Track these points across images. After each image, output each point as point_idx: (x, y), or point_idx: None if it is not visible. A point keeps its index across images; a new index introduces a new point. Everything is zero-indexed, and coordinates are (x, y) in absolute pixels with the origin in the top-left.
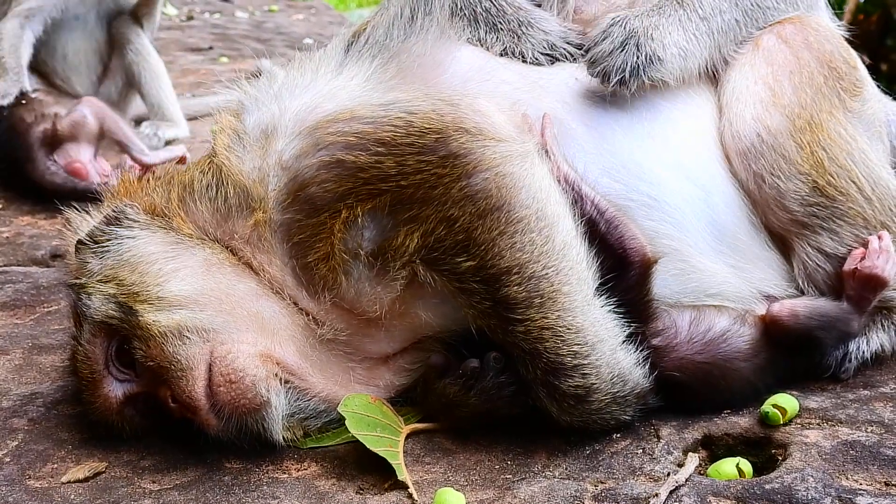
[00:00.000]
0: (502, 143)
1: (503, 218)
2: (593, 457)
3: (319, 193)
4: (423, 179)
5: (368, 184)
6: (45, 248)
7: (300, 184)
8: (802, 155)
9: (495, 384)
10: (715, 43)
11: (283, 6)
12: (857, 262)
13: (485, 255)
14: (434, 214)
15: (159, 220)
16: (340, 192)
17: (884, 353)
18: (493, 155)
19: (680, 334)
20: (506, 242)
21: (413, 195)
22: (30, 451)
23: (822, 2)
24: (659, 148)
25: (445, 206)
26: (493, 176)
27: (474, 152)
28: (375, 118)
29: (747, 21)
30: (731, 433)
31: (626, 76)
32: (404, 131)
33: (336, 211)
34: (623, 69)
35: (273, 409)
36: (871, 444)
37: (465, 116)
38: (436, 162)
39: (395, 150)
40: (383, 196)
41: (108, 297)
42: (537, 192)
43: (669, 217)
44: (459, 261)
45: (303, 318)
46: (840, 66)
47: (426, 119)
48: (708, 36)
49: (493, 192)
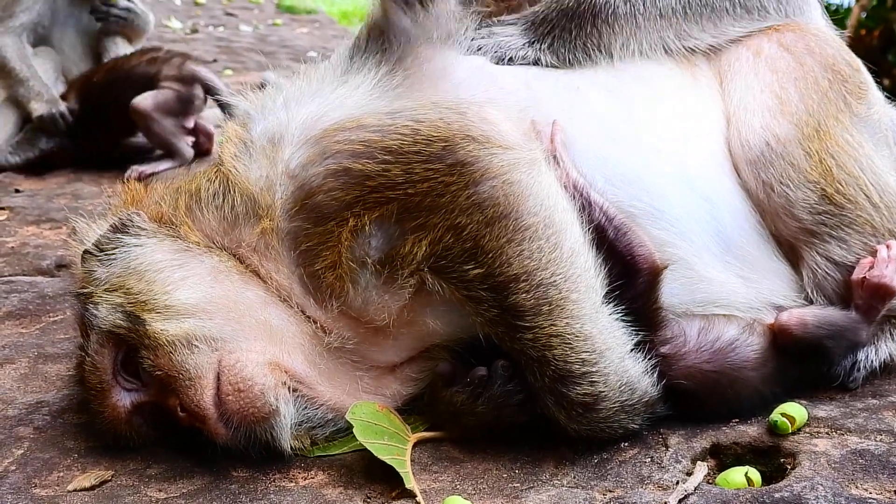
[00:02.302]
0: (509, 151)
1: (511, 225)
2: (602, 465)
3: (326, 202)
4: (430, 188)
5: (376, 192)
6: (51, 258)
7: (307, 192)
8: (811, 163)
9: (503, 392)
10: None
11: (286, 20)
12: (865, 271)
13: (493, 263)
14: (442, 222)
15: (166, 229)
16: (348, 200)
17: (892, 363)
18: (500, 163)
19: (689, 343)
20: (514, 250)
21: (420, 203)
22: (36, 460)
23: (816, 10)
24: (663, 159)
25: (453, 213)
26: (501, 184)
27: (482, 160)
28: (382, 126)
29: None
30: (739, 442)
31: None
32: (411, 139)
33: (343, 219)
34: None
35: (282, 417)
36: (880, 453)
37: (472, 124)
38: (443, 170)
39: (402, 158)
40: (390, 204)
41: (115, 306)
42: (545, 199)
43: (673, 227)
44: (467, 268)
45: (310, 326)
46: (843, 69)
47: (433, 127)
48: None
49: (500, 200)
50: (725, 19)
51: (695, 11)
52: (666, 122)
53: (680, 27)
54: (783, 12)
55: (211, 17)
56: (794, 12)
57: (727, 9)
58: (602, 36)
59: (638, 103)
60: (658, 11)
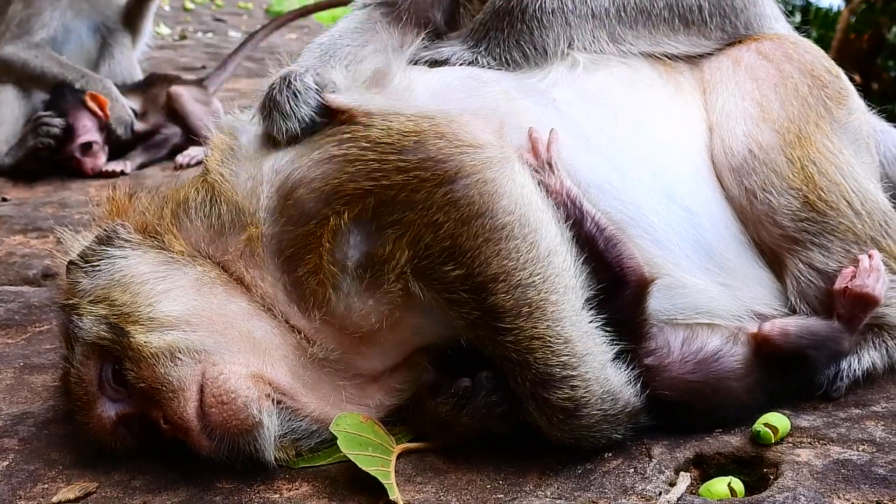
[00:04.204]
0: (481, 150)
1: (487, 224)
2: (585, 476)
3: (307, 195)
4: (404, 181)
5: (353, 181)
6: (37, 268)
7: (290, 187)
8: (793, 170)
9: (487, 403)
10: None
11: None
12: (847, 280)
13: (471, 264)
14: (419, 219)
15: (151, 239)
16: (327, 191)
17: (875, 372)
18: (472, 161)
19: (672, 353)
20: (491, 249)
21: (396, 197)
22: (20, 471)
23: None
24: (639, 168)
25: (430, 210)
26: (475, 182)
27: (453, 157)
28: (366, 123)
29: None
30: (722, 452)
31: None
32: (385, 132)
33: (324, 218)
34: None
35: (265, 430)
36: (862, 464)
37: (442, 123)
38: (416, 163)
39: (378, 147)
40: (367, 197)
41: (99, 317)
42: (519, 197)
43: (647, 234)
44: (447, 269)
45: (294, 336)
46: (823, 74)
47: (403, 125)
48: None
49: (475, 199)
50: (662, 29)
51: (629, 16)
52: (644, 130)
53: (614, 29)
54: (730, 32)
55: (200, 23)
56: (747, 29)
57: (665, 18)
58: (533, 33)
59: (614, 112)
60: (589, 10)
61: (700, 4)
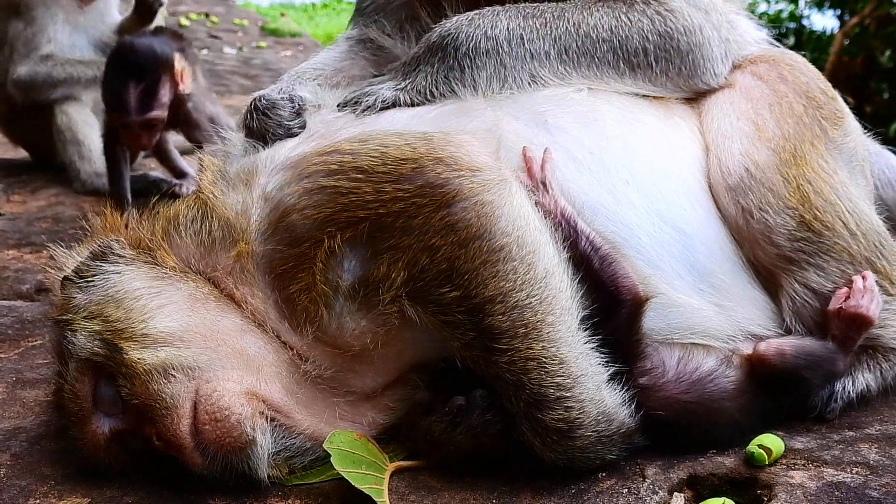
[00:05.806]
0: (479, 173)
1: (485, 247)
2: (578, 496)
3: (300, 221)
4: (402, 209)
5: (347, 210)
6: (31, 282)
7: (282, 212)
8: (789, 189)
9: (481, 422)
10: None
11: (271, 42)
12: (841, 301)
13: (468, 285)
14: (416, 244)
15: (144, 255)
16: (320, 218)
17: (869, 394)
18: (470, 184)
19: (667, 373)
20: (489, 271)
21: (393, 224)
22: (12, 486)
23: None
24: (631, 190)
25: (427, 235)
26: (473, 205)
27: (451, 182)
28: (354, 150)
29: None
30: (716, 473)
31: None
32: (380, 161)
33: (317, 240)
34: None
35: (258, 447)
36: (856, 486)
37: (440, 147)
38: (414, 191)
39: (373, 177)
40: (362, 224)
41: (93, 333)
42: (516, 219)
43: (640, 255)
44: (444, 291)
45: (287, 353)
46: (818, 95)
47: (400, 151)
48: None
49: (473, 221)
50: (607, 71)
51: (571, 58)
52: (637, 152)
53: (555, 69)
54: (682, 86)
55: (195, 40)
56: (691, 77)
57: (609, 62)
58: (464, 71)
59: (607, 134)
60: (527, 52)
61: (644, 47)
